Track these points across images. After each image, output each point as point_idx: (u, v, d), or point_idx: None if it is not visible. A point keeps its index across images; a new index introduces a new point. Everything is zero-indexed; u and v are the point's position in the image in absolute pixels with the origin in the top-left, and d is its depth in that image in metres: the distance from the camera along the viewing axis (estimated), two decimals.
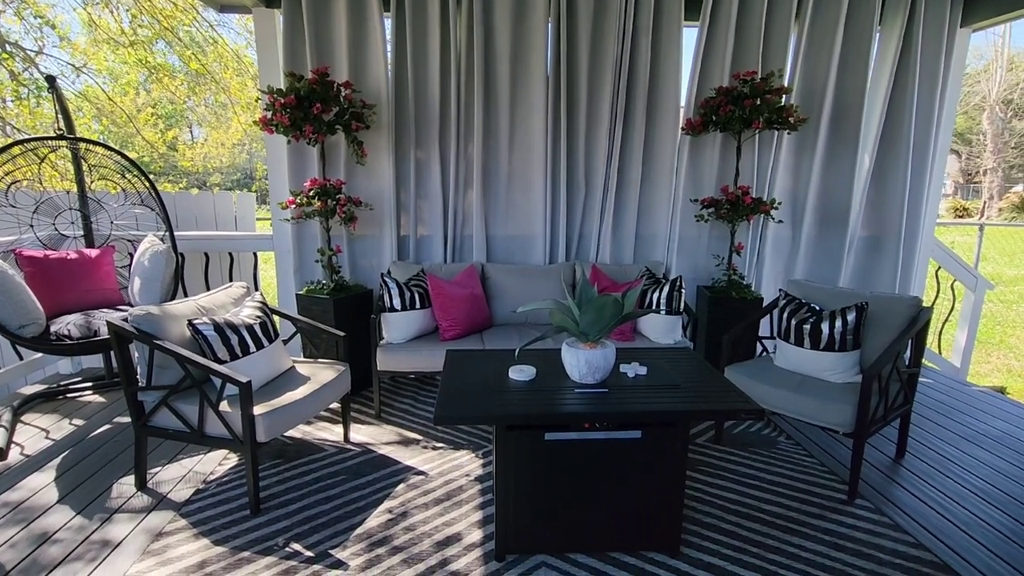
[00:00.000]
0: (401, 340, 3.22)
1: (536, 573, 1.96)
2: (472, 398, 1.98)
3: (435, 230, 3.86)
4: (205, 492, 2.45)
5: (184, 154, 10.56)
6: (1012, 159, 22.18)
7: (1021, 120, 21.95)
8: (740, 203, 3.46)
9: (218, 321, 2.42)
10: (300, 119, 3.07)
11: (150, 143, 8.78)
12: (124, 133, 9.66)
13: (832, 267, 4.02)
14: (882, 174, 3.94)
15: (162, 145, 9.51)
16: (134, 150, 10.31)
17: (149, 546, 2.09)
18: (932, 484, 2.58)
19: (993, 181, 21.54)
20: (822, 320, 2.68)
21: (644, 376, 2.17)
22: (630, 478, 1.98)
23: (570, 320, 2.03)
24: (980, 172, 22.26)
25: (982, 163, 21.95)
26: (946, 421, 3.27)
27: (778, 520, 2.28)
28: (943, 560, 2.05)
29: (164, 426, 2.38)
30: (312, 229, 3.75)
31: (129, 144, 10.38)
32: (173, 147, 10.26)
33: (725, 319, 3.52)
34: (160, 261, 3.16)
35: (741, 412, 1.88)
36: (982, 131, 21.80)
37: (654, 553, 2.07)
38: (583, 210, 3.92)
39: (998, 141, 21.38)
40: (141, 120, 8.69)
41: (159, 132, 9.61)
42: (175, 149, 10.39)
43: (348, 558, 2.03)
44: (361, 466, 2.68)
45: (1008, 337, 6.78)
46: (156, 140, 9.09)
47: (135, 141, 9.92)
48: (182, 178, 10.96)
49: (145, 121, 9.01)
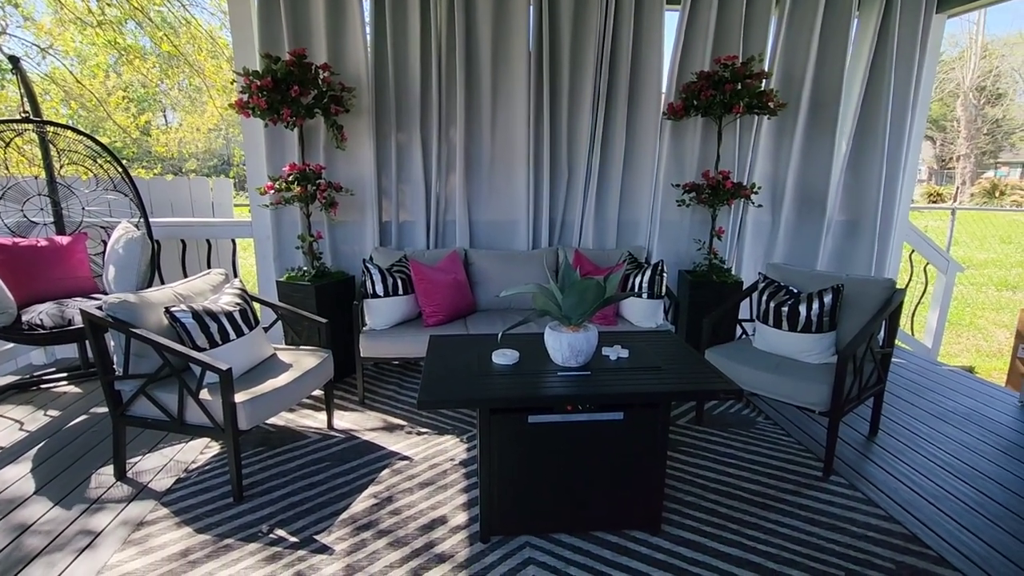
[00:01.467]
0: (384, 326, 3.21)
1: (520, 553, 1.99)
2: (455, 382, 1.99)
3: (417, 216, 3.83)
4: (187, 481, 2.43)
5: (158, 139, 10.25)
6: (984, 145, 22.68)
7: (993, 107, 22.42)
8: (721, 188, 3.49)
9: (196, 308, 2.38)
10: (277, 102, 3.01)
11: (122, 128, 8.51)
12: (95, 118, 9.36)
13: (810, 250, 4.09)
14: (859, 159, 4.00)
15: (135, 130, 9.23)
16: (105, 135, 9.99)
17: (130, 536, 2.07)
18: (903, 460, 2.67)
19: (966, 167, 22.02)
20: (799, 302, 2.73)
21: (626, 359, 2.20)
22: (612, 459, 2.01)
23: (553, 304, 2.04)
24: (954, 158, 22.73)
25: (955, 149, 22.41)
26: (917, 400, 3.37)
27: (756, 497, 2.34)
28: (912, 532, 2.13)
29: (143, 415, 2.35)
30: (292, 215, 3.69)
31: (100, 129, 10.05)
32: (147, 132, 9.95)
33: (706, 303, 3.57)
34: (135, 248, 3.09)
35: (721, 392, 1.91)
36: (956, 118, 22.22)
37: (636, 531, 2.11)
38: (566, 195, 3.92)
39: (971, 128, 21.82)
40: (112, 104, 8.40)
41: (131, 116, 9.32)
42: (148, 134, 10.08)
43: (333, 543, 2.04)
44: (345, 452, 2.68)
45: (977, 319, 6.99)
46: (128, 125, 8.81)
47: (106, 126, 9.61)
48: (156, 164, 10.64)
49: (116, 105, 8.72)
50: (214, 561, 1.94)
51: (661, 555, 1.99)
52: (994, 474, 2.55)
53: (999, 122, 22.66)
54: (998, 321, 6.87)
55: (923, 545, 2.06)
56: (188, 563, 1.93)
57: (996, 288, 8.18)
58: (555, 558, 1.97)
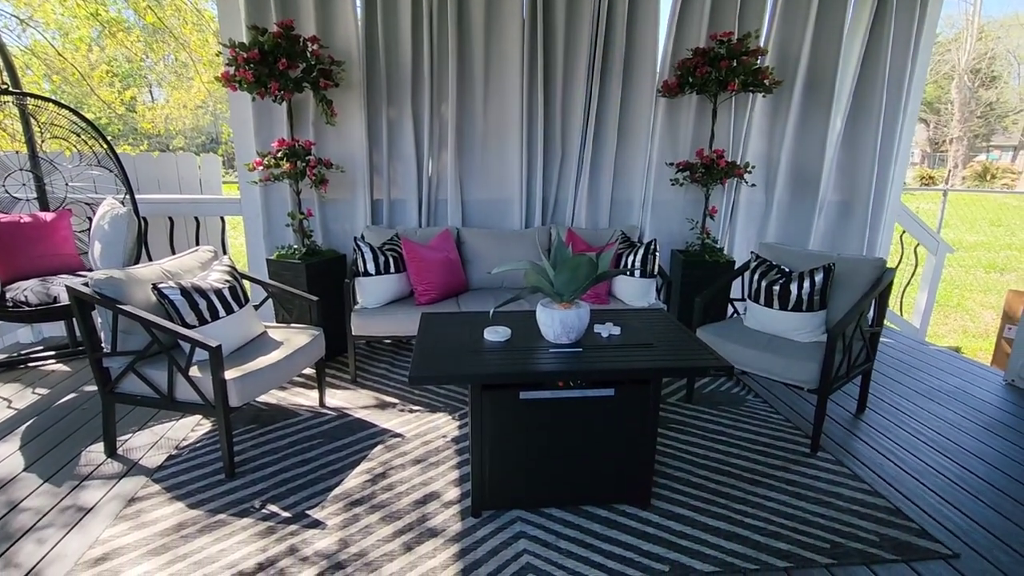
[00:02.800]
0: (376, 305, 3.19)
1: (512, 527, 2.01)
2: (447, 359, 1.98)
3: (409, 194, 3.79)
4: (178, 457, 2.43)
5: (144, 115, 10.03)
6: (977, 128, 22.70)
7: (988, 89, 22.40)
8: (715, 166, 3.47)
9: (185, 285, 2.35)
10: (265, 75, 2.94)
11: (106, 103, 8.32)
12: (78, 93, 9.14)
13: (803, 230, 4.10)
14: (853, 139, 3.99)
15: (119, 106, 9.02)
16: (90, 111, 9.77)
17: (122, 511, 2.07)
18: (889, 437, 2.71)
19: (959, 150, 22.07)
20: (791, 281, 2.74)
21: (618, 336, 2.20)
22: (603, 435, 2.03)
23: (545, 280, 2.03)
24: (947, 141, 22.75)
25: (949, 132, 22.42)
26: (904, 378, 3.42)
27: (745, 473, 2.38)
28: (896, 506, 2.17)
29: (132, 392, 2.33)
30: (281, 192, 3.64)
31: (84, 105, 9.82)
32: (132, 108, 9.73)
33: (698, 282, 3.58)
34: (121, 225, 3.04)
35: (711, 369, 1.92)
36: (950, 100, 22.20)
37: (626, 506, 2.14)
38: (559, 173, 3.89)
39: (965, 110, 21.81)
40: (95, 78, 8.20)
41: (116, 92, 9.10)
42: (134, 111, 9.86)
43: (326, 517, 2.05)
44: (337, 430, 2.68)
45: (965, 300, 7.07)
46: (113, 100, 8.61)
47: (90, 101, 9.39)
48: (143, 141, 10.44)
49: (100, 80, 8.51)
50: (207, 535, 1.94)
51: (651, 528, 2.02)
52: (977, 450, 2.60)
53: (992, 105, 22.66)
54: (985, 303, 6.96)
55: (906, 518, 2.10)
56: (180, 538, 1.93)
57: (984, 270, 8.27)
58: (546, 531, 1.99)
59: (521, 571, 1.81)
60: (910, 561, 1.88)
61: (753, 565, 1.85)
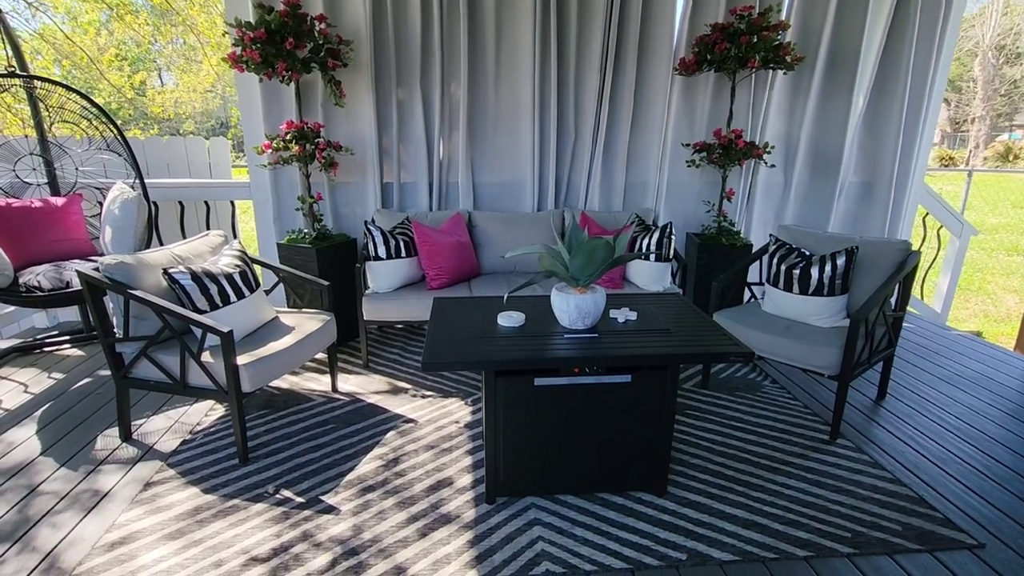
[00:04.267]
0: (387, 289, 3.16)
1: (526, 514, 2.00)
2: (460, 344, 1.95)
3: (419, 177, 3.73)
4: (192, 442, 2.43)
5: (153, 99, 10.01)
6: (1000, 107, 22.05)
7: (1012, 67, 21.70)
8: (733, 147, 3.38)
9: (195, 270, 2.33)
10: (272, 55, 2.88)
11: (116, 87, 8.30)
12: (88, 77, 9.12)
13: (822, 213, 4.00)
14: (876, 118, 3.86)
15: (129, 90, 8.99)
16: (100, 95, 9.76)
17: (138, 495, 2.08)
18: (910, 423, 2.65)
19: (980, 130, 21.46)
20: (811, 265, 2.67)
21: (634, 321, 2.15)
22: (619, 421, 1.99)
23: (560, 265, 1.98)
24: (968, 120, 22.13)
25: (971, 111, 21.80)
26: (925, 364, 3.34)
27: (762, 460, 2.33)
28: (919, 494, 2.12)
29: (146, 377, 2.33)
30: (291, 176, 3.60)
31: (95, 89, 9.81)
32: (142, 92, 9.70)
33: (714, 266, 3.51)
34: (131, 209, 3.03)
35: (730, 355, 1.87)
36: (973, 78, 21.54)
37: (642, 493, 2.11)
38: (572, 155, 3.81)
39: (988, 88, 21.16)
40: (104, 62, 8.16)
41: (126, 76, 9.07)
42: (144, 95, 9.84)
43: (340, 503, 2.04)
44: (350, 415, 2.67)
45: (986, 284, 6.91)
46: (123, 84, 8.58)
47: (100, 86, 9.37)
48: (153, 125, 10.42)
49: (109, 64, 8.47)
50: (221, 520, 1.95)
51: (667, 516, 1.99)
52: (1001, 437, 2.54)
53: (1017, 83, 21.96)
54: (1007, 286, 6.80)
55: (929, 507, 2.05)
56: (196, 522, 1.94)
57: (1007, 253, 8.07)
58: (560, 519, 1.97)
59: (536, 558, 1.79)
60: (934, 551, 1.84)
61: (772, 554, 1.81)
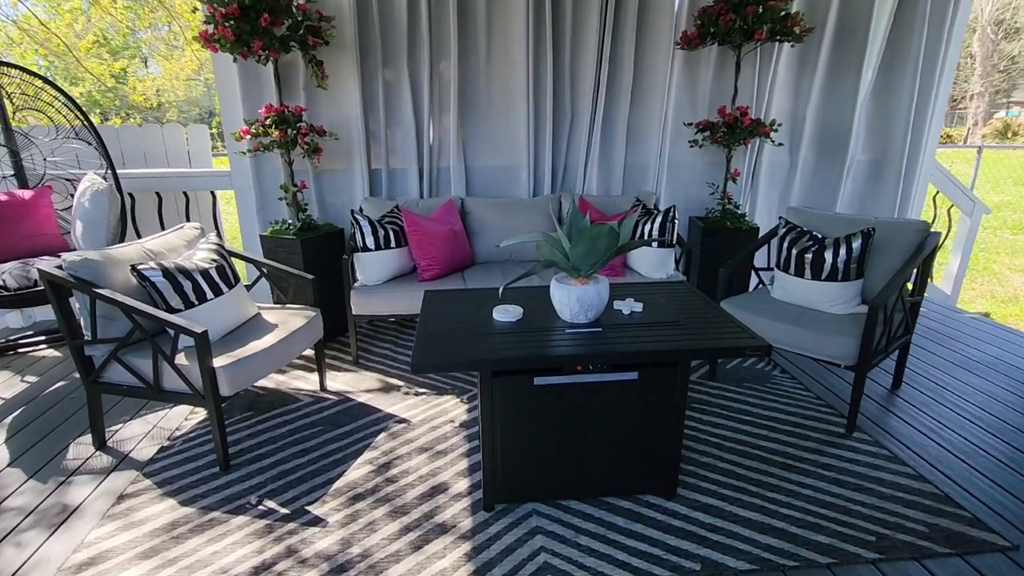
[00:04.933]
0: (376, 282, 3.01)
1: (527, 522, 1.86)
2: (453, 342, 1.80)
3: (409, 162, 3.55)
4: (171, 449, 2.29)
5: (135, 88, 9.71)
6: (998, 84, 21.80)
7: (1011, 42, 21.43)
8: (738, 125, 3.21)
9: (167, 266, 2.17)
10: (246, 33, 2.68)
11: (95, 75, 8.01)
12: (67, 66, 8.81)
13: (829, 193, 3.84)
14: (887, 92, 3.68)
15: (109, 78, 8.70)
16: (84, 84, 9.46)
17: (110, 509, 1.94)
18: (929, 414, 2.52)
19: (979, 106, 21.23)
20: (825, 248, 2.52)
21: (640, 313, 2.01)
22: (625, 421, 1.85)
23: (559, 253, 1.83)
24: (967, 97, 21.88)
25: (969, 88, 21.54)
26: (939, 349, 3.21)
27: (776, 457, 2.21)
28: (944, 491, 2.00)
29: (117, 382, 2.18)
30: (274, 164, 3.42)
31: (79, 79, 9.50)
32: (123, 80, 9.38)
33: (720, 250, 3.36)
34: (102, 201, 2.85)
35: (747, 349, 1.73)
36: (971, 53, 21.24)
37: (650, 496, 1.98)
38: (569, 136, 3.63)
39: (987, 64, 20.90)
40: (82, 49, 7.87)
41: (105, 64, 8.77)
42: (125, 82, 9.52)
43: (327, 513, 1.91)
44: (339, 416, 2.53)
45: (992, 263, 6.79)
46: (103, 73, 8.30)
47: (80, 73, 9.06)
48: (136, 114, 10.12)
49: (87, 51, 8.18)
50: (199, 536, 1.81)
51: (677, 521, 1.86)
52: None
53: (1015, 58, 21.69)
54: (1014, 266, 6.67)
55: (956, 505, 1.93)
56: (171, 539, 1.80)
57: (1011, 231, 7.94)
58: (564, 526, 1.84)
59: (539, 572, 1.66)
60: (965, 555, 1.72)
61: (792, 562, 1.69)
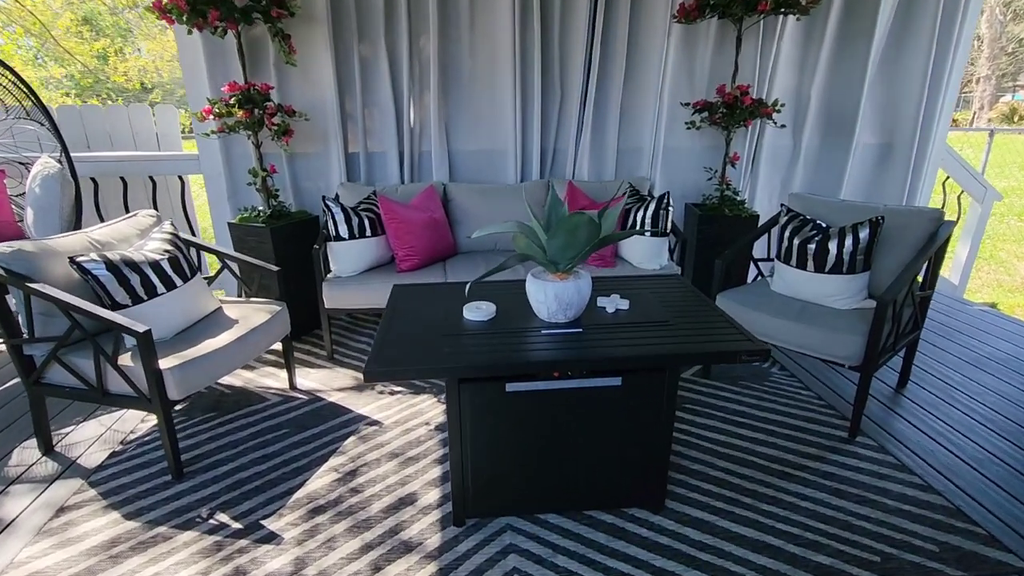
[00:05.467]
0: (351, 273, 2.82)
1: (500, 539, 1.71)
2: (415, 345, 1.62)
3: (388, 145, 3.34)
4: (122, 455, 2.13)
5: (116, 68, 9.40)
6: (1005, 67, 21.37)
7: (1019, 24, 20.96)
8: (739, 105, 3.00)
9: (112, 258, 1.99)
10: (202, 2, 2.47)
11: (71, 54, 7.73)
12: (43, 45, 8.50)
13: (833, 179, 3.64)
14: (897, 69, 3.47)
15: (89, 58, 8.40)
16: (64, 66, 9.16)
17: (47, 524, 1.78)
18: (937, 415, 2.36)
19: (986, 90, 20.83)
20: (829, 238, 2.33)
21: (626, 311, 1.83)
22: (608, 430, 1.69)
23: (535, 246, 1.64)
24: (973, 80, 21.47)
25: (975, 71, 21.11)
26: (947, 344, 3.04)
27: (773, 464, 2.04)
28: (955, 504, 1.84)
29: (60, 383, 2.01)
30: (244, 147, 3.21)
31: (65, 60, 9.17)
32: (104, 59, 9.08)
33: (717, 240, 3.17)
34: (53, 186, 2.65)
35: (742, 355, 1.55)
36: (979, 35, 20.78)
37: (635, 509, 1.82)
38: (558, 118, 3.42)
39: (995, 47, 20.46)
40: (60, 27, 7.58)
41: (86, 42, 8.47)
42: (106, 61, 9.21)
43: (283, 528, 1.75)
44: (306, 417, 2.36)
45: (998, 251, 6.60)
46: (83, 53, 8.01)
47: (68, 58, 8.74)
48: (117, 96, 9.82)
49: (66, 29, 7.89)
50: (140, 555, 1.65)
51: (664, 538, 1.70)
52: None
53: (1023, 41, 21.23)
54: (1020, 253, 6.48)
55: (969, 520, 1.77)
56: (109, 558, 1.64)
57: (1018, 218, 7.73)
58: (540, 544, 1.69)
59: None
60: None
61: None
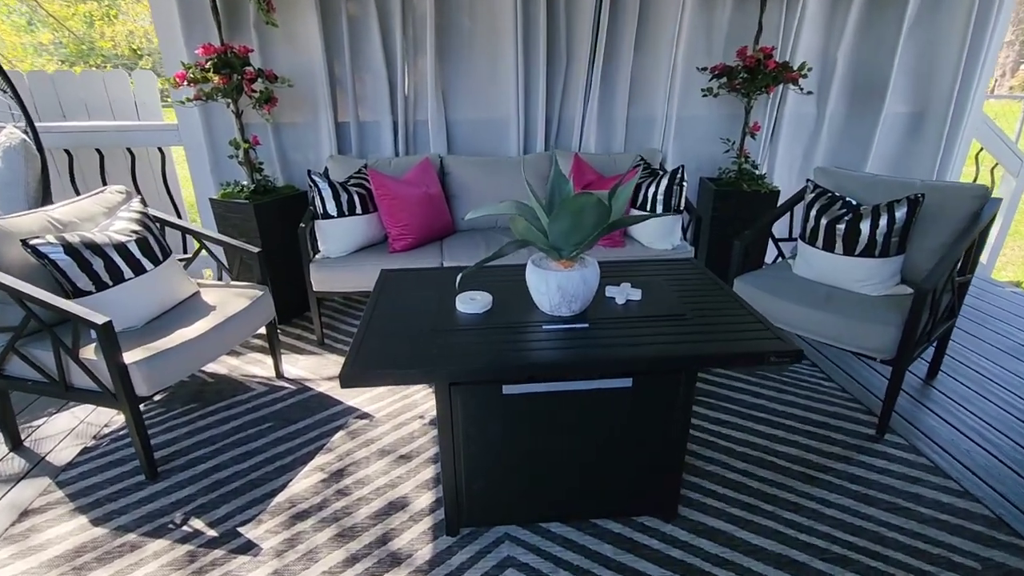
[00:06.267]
0: (341, 253, 2.64)
1: (498, 550, 1.56)
2: (400, 343, 1.45)
3: (381, 114, 3.11)
4: (94, 451, 1.99)
5: (103, 33, 9.02)
6: None
7: None
8: (761, 70, 2.74)
9: (71, 241, 1.81)
10: None
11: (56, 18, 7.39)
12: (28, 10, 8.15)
13: (859, 150, 3.39)
14: (933, 33, 3.17)
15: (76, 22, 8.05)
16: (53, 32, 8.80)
17: (8, 529, 1.65)
18: (971, 410, 2.18)
19: (1008, 56, 20.02)
20: (861, 218, 2.12)
21: (637, 303, 1.64)
22: (617, 434, 1.52)
23: (536, 230, 1.45)
24: None
25: None
26: (980, 330, 2.85)
27: (795, 465, 1.88)
28: (995, 513, 1.68)
29: (21, 376, 1.85)
30: (227, 116, 2.99)
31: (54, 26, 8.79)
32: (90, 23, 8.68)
33: (733, 217, 2.96)
34: (17, 159, 2.46)
35: (771, 356, 1.37)
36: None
37: (645, 518, 1.67)
38: (564, 84, 3.16)
39: (1020, 10, 19.57)
40: None
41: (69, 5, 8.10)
42: (91, 25, 8.82)
43: (262, 537, 1.61)
44: (292, 409, 2.21)
45: (1021, 226, 6.32)
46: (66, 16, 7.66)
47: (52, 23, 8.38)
48: (106, 63, 9.46)
49: None
50: (105, 566, 1.52)
51: (676, 551, 1.55)
52: None
53: None
54: None
55: (1012, 532, 1.61)
56: (73, 570, 1.51)
57: None
58: (541, 557, 1.54)
59: None
60: None
61: None
